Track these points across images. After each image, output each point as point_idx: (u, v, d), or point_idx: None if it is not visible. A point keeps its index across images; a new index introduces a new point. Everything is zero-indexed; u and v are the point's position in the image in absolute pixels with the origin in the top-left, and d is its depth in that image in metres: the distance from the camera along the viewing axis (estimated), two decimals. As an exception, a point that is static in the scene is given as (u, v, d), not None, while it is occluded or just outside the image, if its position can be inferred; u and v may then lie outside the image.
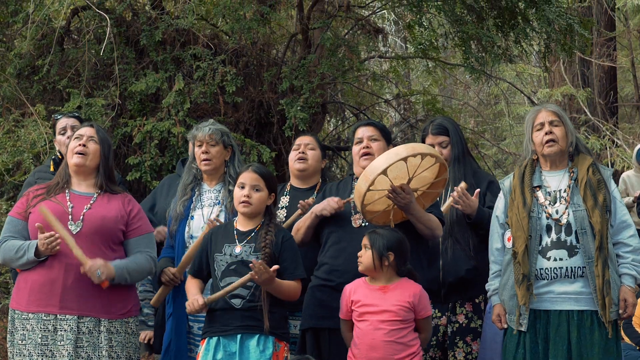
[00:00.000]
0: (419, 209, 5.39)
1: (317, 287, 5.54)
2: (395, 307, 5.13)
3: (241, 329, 5.16)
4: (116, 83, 8.78)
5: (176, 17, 9.08)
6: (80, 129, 5.51)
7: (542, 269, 5.25)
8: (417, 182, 5.41)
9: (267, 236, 5.22)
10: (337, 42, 9.46)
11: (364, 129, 5.86)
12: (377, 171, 5.12)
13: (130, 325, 5.35)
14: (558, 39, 9.06)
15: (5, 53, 9.25)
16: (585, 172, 5.32)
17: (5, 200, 8.70)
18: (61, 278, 5.15)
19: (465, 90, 18.51)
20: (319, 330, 5.48)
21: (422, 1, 8.85)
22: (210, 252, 5.34)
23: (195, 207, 6.12)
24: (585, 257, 5.17)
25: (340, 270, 5.45)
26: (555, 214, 5.29)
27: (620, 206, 5.35)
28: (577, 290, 5.19)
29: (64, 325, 5.12)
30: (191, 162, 6.27)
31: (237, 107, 9.13)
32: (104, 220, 5.27)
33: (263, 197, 5.33)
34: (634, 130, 15.94)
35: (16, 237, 5.28)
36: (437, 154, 5.30)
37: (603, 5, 14.53)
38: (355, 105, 11.87)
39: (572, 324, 5.18)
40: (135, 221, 5.42)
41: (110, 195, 5.43)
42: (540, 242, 5.29)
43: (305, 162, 6.32)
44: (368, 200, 5.32)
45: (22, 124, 8.77)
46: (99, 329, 5.19)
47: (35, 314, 5.15)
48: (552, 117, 5.43)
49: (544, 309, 5.26)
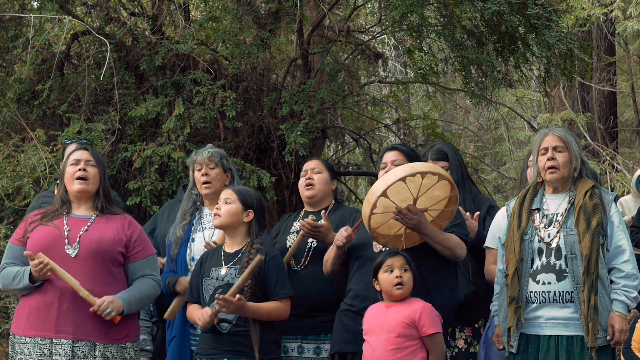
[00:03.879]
0: (432, 229, 5.35)
1: (343, 312, 5.59)
2: (394, 322, 5.13)
3: (229, 354, 5.17)
4: (116, 108, 8.78)
5: (176, 42, 9.09)
6: (75, 153, 5.47)
7: (532, 293, 5.26)
8: (428, 201, 5.36)
9: (250, 256, 5.25)
10: (337, 67, 9.48)
11: (389, 154, 5.84)
12: (377, 194, 5.12)
13: (128, 351, 5.30)
14: (558, 64, 9.06)
15: (5, 78, 9.26)
16: (582, 197, 5.30)
17: (5, 225, 8.68)
18: (56, 302, 5.14)
19: (465, 115, 18.54)
20: (345, 355, 5.51)
21: (422, 26, 8.87)
22: (200, 277, 5.37)
23: (195, 229, 6.13)
24: (573, 281, 5.16)
25: (362, 295, 5.48)
26: (547, 237, 5.29)
27: (617, 231, 5.30)
28: (566, 316, 5.18)
29: (59, 349, 5.10)
30: (191, 189, 6.28)
31: (237, 131, 9.13)
32: (100, 242, 5.24)
33: (232, 210, 5.40)
34: (634, 155, 15.95)
35: (15, 263, 5.28)
36: (439, 172, 5.24)
37: (603, 30, 14.56)
38: (355, 130, 11.87)
39: (562, 349, 5.17)
40: (137, 244, 5.39)
41: (109, 216, 5.41)
42: (532, 265, 5.29)
43: (313, 188, 6.29)
44: (376, 223, 5.30)
45: (22, 148, 8.76)
46: (94, 354, 5.15)
47: (32, 338, 5.14)
48: (557, 142, 5.41)
49: (535, 333, 5.26)
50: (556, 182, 5.41)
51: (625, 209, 8.84)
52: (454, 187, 5.34)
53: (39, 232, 5.27)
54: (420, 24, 8.80)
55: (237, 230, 5.45)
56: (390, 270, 5.20)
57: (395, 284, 5.18)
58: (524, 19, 8.73)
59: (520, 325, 5.26)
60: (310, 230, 5.84)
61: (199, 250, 5.96)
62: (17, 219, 8.71)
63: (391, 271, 5.20)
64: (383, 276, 5.22)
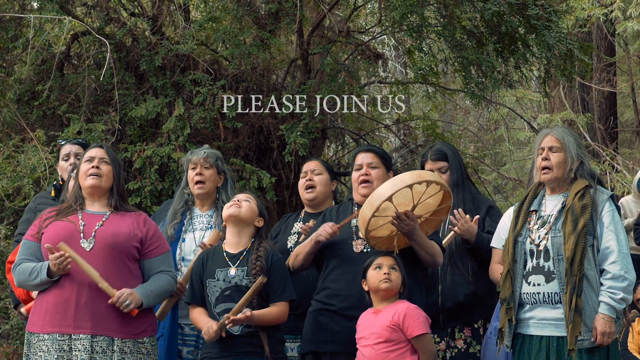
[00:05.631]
0: (422, 236, 5.39)
1: (317, 311, 5.55)
2: (380, 327, 5.14)
3: (240, 356, 5.17)
4: (116, 108, 8.77)
5: (176, 43, 9.08)
6: (90, 151, 5.54)
7: (524, 294, 5.32)
8: (421, 209, 5.42)
9: (257, 262, 5.26)
10: (337, 68, 9.46)
11: (363, 155, 5.85)
12: (383, 198, 5.13)
13: (145, 346, 5.28)
14: (558, 65, 9.06)
15: (5, 78, 9.26)
16: (572, 197, 5.31)
17: (5, 225, 8.68)
18: (74, 297, 5.15)
19: (465, 116, 18.53)
20: (320, 354, 5.48)
21: (422, 26, 8.86)
22: (203, 279, 5.36)
23: (186, 229, 6.14)
24: (560, 283, 5.17)
25: (343, 294, 5.46)
26: (537, 239, 5.30)
27: (607, 232, 5.28)
28: (556, 317, 5.22)
29: (77, 345, 5.11)
30: (183, 188, 6.30)
31: (237, 132, 9.12)
32: (115, 236, 5.26)
33: (252, 207, 5.51)
34: (634, 156, 15.93)
35: (30, 259, 5.29)
36: (442, 182, 5.32)
37: (603, 30, 14.55)
38: (355, 131, 11.87)
39: (552, 349, 5.21)
40: (153, 241, 5.41)
41: (123, 213, 5.44)
42: (524, 266, 5.32)
43: (314, 190, 6.30)
44: (372, 226, 5.33)
45: (22, 149, 8.77)
46: (112, 349, 5.15)
47: (50, 334, 5.15)
48: (553, 142, 5.42)
49: (528, 333, 5.32)
50: (550, 183, 5.43)
51: (626, 210, 8.83)
52: (450, 198, 5.39)
53: (54, 228, 5.29)
54: (420, 25, 8.79)
55: (245, 230, 5.47)
56: (378, 268, 5.23)
57: (383, 279, 5.19)
58: (524, 19, 8.73)
59: (511, 326, 5.30)
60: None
61: (189, 251, 5.98)
62: (17, 219, 8.70)
63: (379, 268, 5.21)
64: (371, 273, 5.26)
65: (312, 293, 5.76)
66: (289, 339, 5.89)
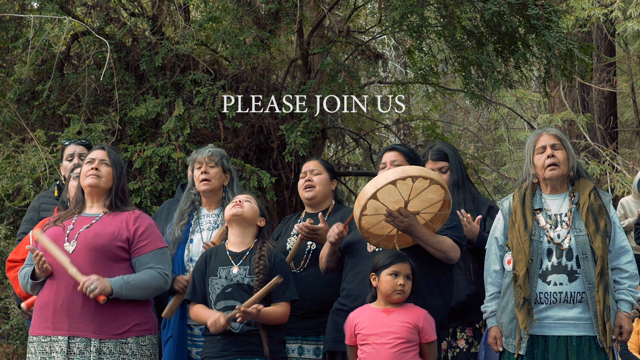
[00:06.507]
0: (424, 232, 5.34)
1: (335, 311, 5.60)
2: (399, 327, 5.11)
3: (240, 354, 5.17)
4: (116, 108, 8.78)
5: (176, 43, 9.09)
6: (92, 152, 5.57)
7: (542, 293, 5.25)
8: (420, 204, 5.34)
9: (260, 261, 5.28)
10: (337, 68, 9.46)
11: (389, 154, 5.84)
12: (367, 196, 5.13)
13: (129, 346, 5.21)
14: (558, 64, 9.06)
15: (5, 78, 9.27)
16: (587, 197, 5.32)
17: (5, 225, 8.68)
18: (52, 299, 5.18)
19: (465, 116, 18.55)
20: (335, 354, 5.51)
21: (422, 27, 8.86)
22: (206, 276, 5.36)
23: (194, 230, 6.12)
24: (586, 282, 5.16)
25: (354, 294, 5.48)
26: (557, 238, 5.28)
27: (619, 232, 5.35)
28: (575, 316, 5.19)
29: (55, 346, 5.12)
30: (190, 188, 6.28)
31: (237, 132, 9.12)
32: (97, 237, 5.24)
33: (254, 207, 5.55)
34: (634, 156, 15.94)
35: (30, 265, 5.34)
36: (431, 176, 5.19)
37: (603, 30, 14.55)
38: (355, 131, 11.87)
39: (571, 349, 5.16)
40: (142, 238, 5.35)
41: (117, 213, 5.43)
42: (540, 265, 5.28)
43: (313, 189, 6.29)
44: (367, 224, 5.31)
45: (22, 149, 8.77)
46: (89, 349, 5.12)
47: (37, 336, 5.20)
48: (554, 140, 5.44)
49: (542, 334, 5.26)
50: (555, 180, 5.42)
51: (626, 210, 8.84)
52: (447, 191, 5.32)
53: (47, 233, 5.33)
54: (420, 25, 8.78)
55: (247, 230, 5.50)
56: (395, 275, 5.19)
57: (397, 290, 5.17)
58: (524, 19, 8.73)
59: (531, 326, 5.25)
60: (308, 234, 5.86)
61: (197, 252, 5.96)
62: (17, 219, 8.72)
63: (396, 276, 5.19)
64: (386, 278, 5.20)
65: (311, 294, 5.81)
66: (290, 339, 5.88)
